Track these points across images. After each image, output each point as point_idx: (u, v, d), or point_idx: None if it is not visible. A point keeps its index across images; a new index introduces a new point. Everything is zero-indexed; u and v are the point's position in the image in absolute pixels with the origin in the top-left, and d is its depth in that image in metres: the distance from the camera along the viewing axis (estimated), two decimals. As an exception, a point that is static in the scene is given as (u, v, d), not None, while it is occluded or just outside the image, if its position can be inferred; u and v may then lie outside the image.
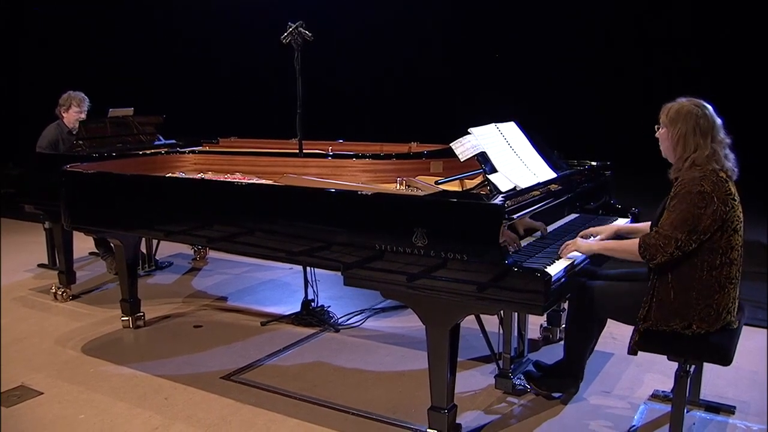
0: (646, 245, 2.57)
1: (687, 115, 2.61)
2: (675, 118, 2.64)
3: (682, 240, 2.51)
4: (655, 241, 2.55)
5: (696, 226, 2.50)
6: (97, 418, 3.10)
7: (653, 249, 2.55)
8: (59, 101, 4.98)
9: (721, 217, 2.51)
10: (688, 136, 2.60)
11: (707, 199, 2.50)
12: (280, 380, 3.45)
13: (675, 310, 2.59)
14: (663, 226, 2.56)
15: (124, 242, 4.01)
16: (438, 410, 2.72)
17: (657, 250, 2.54)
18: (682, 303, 2.58)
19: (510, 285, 2.42)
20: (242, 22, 10.52)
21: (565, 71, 9.25)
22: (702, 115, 2.60)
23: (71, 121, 4.94)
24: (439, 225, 2.54)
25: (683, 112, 2.63)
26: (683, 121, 2.61)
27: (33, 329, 4.23)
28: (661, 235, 2.55)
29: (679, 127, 2.62)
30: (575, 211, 3.37)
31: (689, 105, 2.64)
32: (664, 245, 2.53)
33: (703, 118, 2.60)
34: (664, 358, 2.76)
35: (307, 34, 3.96)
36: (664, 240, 2.53)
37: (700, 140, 2.59)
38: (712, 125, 2.61)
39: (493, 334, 3.22)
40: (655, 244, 2.55)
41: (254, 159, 4.15)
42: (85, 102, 5.00)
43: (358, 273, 2.76)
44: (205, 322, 4.32)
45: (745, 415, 3.04)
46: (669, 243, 2.52)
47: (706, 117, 2.61)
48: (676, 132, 2.63)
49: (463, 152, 2.81)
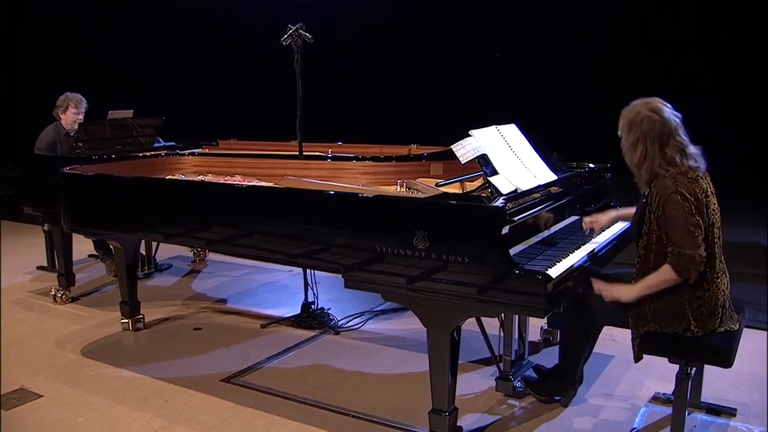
0: (680, 268, 2.51)
1: (640, 123, 2.59)
2: (629, 126, 2.62)
3: (702, 250, 2.50)
4: (685, 264, 2.50)
5: (700, 226, 2.50)
6: (97, 421, 3.09)
7: (686, 272, 2.51)
8: (56, 102, 4.96)
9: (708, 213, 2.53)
10: (640, 144, 2.58)
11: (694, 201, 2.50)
12: (280, 383, 3.44)
13: (671, 312, 2.58)
14: (677, 245, 2.51)
15: (123, 244, 4.00)
16: (439, 413, 2.71)
17: (690, 269, 2.51)
18: (676, 304, 2.58)
19: (511, 287, 2.41)
20: (242, 23, 10.51)
21: (565, 72, 9.24)
22: (655, 121, 2.57)
23: (68, 122, 4.92)
24: (441, 227, 2.54)
25: (637, 120, 2.60)
26: (635, 128, 2.60)
27: (32, 331, 4.22)
28: (684, 255, 2.50)
29: (630, 135, 2.61)
30: (575, 213, 3.36)
31: (643, 110, 2.61)
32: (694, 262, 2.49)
33: (657, 124, 2.57)
34: (664, 361, 2.76)
35: (308, 36, 3.95)
36: (690, 258, 2.49)
37: (649, 148, 2.57)
38: (664, 131, 2.57)
39: (493, 336, 3.22)
40: (687, 267, 2.51)
41: (254, 161, 4.13)
42: (83, 103, 4.98)
43: (358, 275, 2.76)
44: (204, 325, 4.31)
45: (746, 418, 3.03)
46: (695, 260, 2.49)
47: (660, 122, 2.57)
48: (629, 141, 2.62)
49: (464, 154, 2.81)
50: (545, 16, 9.37)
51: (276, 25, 4.32)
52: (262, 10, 9.90)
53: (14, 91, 10.07)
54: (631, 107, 2.67)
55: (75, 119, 4.91)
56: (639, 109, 2.62)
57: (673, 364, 2.70)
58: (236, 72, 10.50)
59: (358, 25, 9.92)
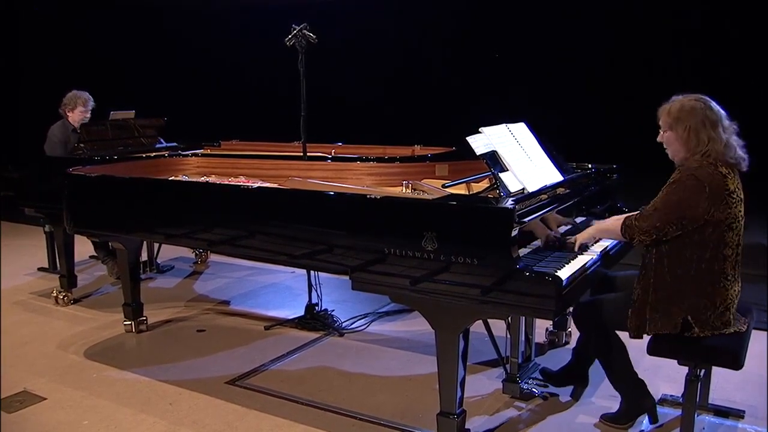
0: (626, 225, 2.60)
1: (691, 111, 2.56)
2: (679, 117, 2.57)
3: (659, 222, 2.50)
4: (634, 221, 2.57)
5: (676, 210, 2.48)
6: (102, 424, 3.07)
7: (631, 229, 2.58)
8: (63, 100, 4.96)
9: (708, 210, 2.47)
10: (699, 131, 2.54)
11: (698, 187, 2.47)
12: (284, 385, 3.42)
13: (670, 297, 2.57)
14: (646, 207, 2.57)
15: (126, 246, 3.97)
16: (447, 415, 2.70)
17: (634, 230, 2.57)
18: (676, 291, 2.57)
19: (521, 289, 2.40)
20: (243, 24, 10.50)
21: (570, 72, 9.25)
22: (707, 107, 2.56)
23: (76, 120, 4.93)
24: (449, 229, 2.52)
25: (686, 109, 2.57)
26: (688, 117, 2.55)
27: (34, 333, 4.19)
28: (642, 215, 2.56)
29: (686, 124, 2.55)
30: (581, 214, 3.35)
31: (690, 101, 2.59)
32: (640, 226, 2.55)
33: (708, 110, 2.55)
34: (670, 362, 2.75)
35: (312, 36, 3.93)
36: (642, 220, 2.55)
37: (711, 132, 2.53)
38: (718, 116, 2.56)
39: (499, 338, 3.21)
40: (633, 225, 2.57)
41: (257, 162, 4.12)
42: (90, 102, 4.99)
43: (365, 277, 2.74)
44: (207, 326, 4.29)
45: (755, 420, 3.02)
46: (646, 223, 2.53)
47: (710, 109, 2.56)
48: (684, 130, 2.56)
49: (476, 147, 2.81)
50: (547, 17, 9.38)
51: (275, 25, 4.31)
52: (263, 11, 9.89)
53: (14, 92, 10.02)
54: (675, 101, 2.62)
55: (82, 118, 4.93)
56: (687, 101, 2.59)
57: (679, 366, 2.68)
58: (238, 73, 10.48)
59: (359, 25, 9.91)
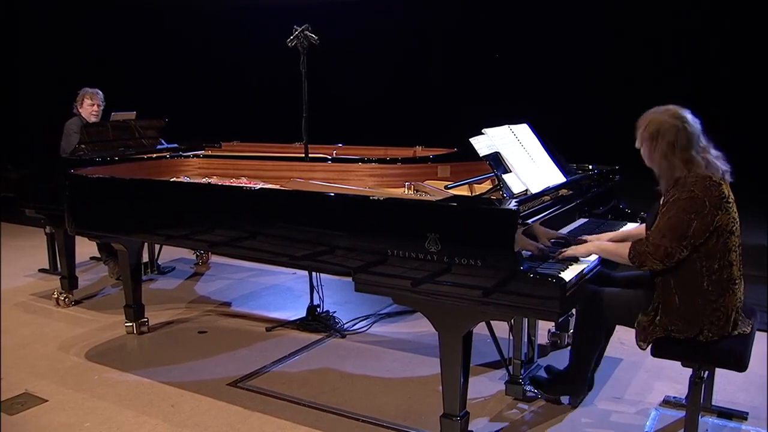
0: (636, 252, 2.55)
1: (667, 132, 2.53)
2: (654, 135, 2.56)
3: (671, 247, 2.48)
4: (645, 248, 2.53)
5: (685, 233, 2.46)
6: (103, 426, 3.06)
7: (642, 256, 2.54)
8: (77, 98, 5.13)
9: (713, 223, 2.47)
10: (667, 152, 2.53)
11: (698, 204, 2.46)
12: (287, 387, 3.41)
13: (681, 316, 2.57)
14: (653, 232, 2.53)
15: (128, 247, 3.96)
16: (450, 417, 2.69)
17: (646, 257, 2.53)
18: (688, 309, 2.56)
19: (525, 291, 2.39)
20: (244, 24, 10.49)
21: (570, 73, 9.26)
22: (681, 128, 2.53)
23: (86, 114, 5.06)
24: (453, 230, 2.51)
25: (663, 129, 2.54)
26: (662, 137, 2.54)
27: (35, 335, 4.18)
28: (650, 242, 2.52)
29: (658, 144, 2.54)
30: (584, 215, 3.34)
31: (667, 118, 2.55)
32: (653, 253, 2.50)
33: (682, 131, 2.52)
34: (673, 364, 2.74)
35: (313, 37, 3.93)
36: (653, 248, 2.50)
37: (676, 155, 2.52)
38: (692, 136, 2.53)
39: (502, 339, 3.20)
40: (644, 252, 2.52)
41: (259, 163, 4.11)
42: (98, 95, 5.09)
43: (368, 279, 2.74)
44: (209, 328, 4.28)
45: (759, 421, 3.01)
46: (657, 251, 2.49)
47: (685, 129, 2.53)
48: (656, 151, 2.56)
49: (480, 149, 2.81)
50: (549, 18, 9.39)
51: (276, 25, 4.30)
52: (264, 11, 9.88)
53: (14, 93, 10.01)
54: (653, 116, 2.60)
55: (91, 111, 5.05)
56: (663, 118, 2.56)
57: (682, 368, 2.68)
58: (238, 73, 10.48)
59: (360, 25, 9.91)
